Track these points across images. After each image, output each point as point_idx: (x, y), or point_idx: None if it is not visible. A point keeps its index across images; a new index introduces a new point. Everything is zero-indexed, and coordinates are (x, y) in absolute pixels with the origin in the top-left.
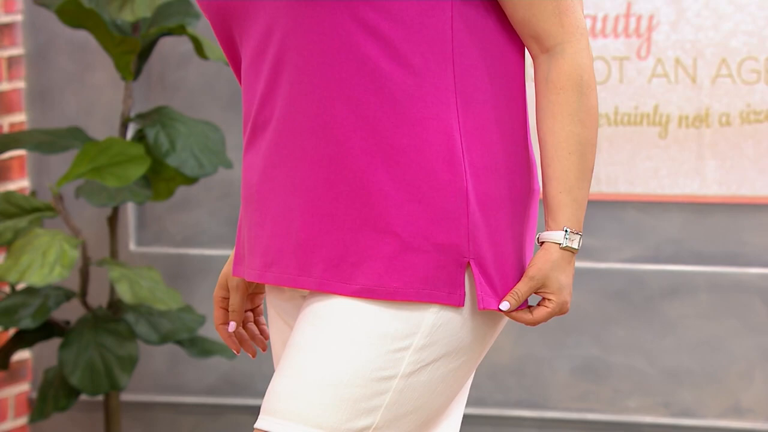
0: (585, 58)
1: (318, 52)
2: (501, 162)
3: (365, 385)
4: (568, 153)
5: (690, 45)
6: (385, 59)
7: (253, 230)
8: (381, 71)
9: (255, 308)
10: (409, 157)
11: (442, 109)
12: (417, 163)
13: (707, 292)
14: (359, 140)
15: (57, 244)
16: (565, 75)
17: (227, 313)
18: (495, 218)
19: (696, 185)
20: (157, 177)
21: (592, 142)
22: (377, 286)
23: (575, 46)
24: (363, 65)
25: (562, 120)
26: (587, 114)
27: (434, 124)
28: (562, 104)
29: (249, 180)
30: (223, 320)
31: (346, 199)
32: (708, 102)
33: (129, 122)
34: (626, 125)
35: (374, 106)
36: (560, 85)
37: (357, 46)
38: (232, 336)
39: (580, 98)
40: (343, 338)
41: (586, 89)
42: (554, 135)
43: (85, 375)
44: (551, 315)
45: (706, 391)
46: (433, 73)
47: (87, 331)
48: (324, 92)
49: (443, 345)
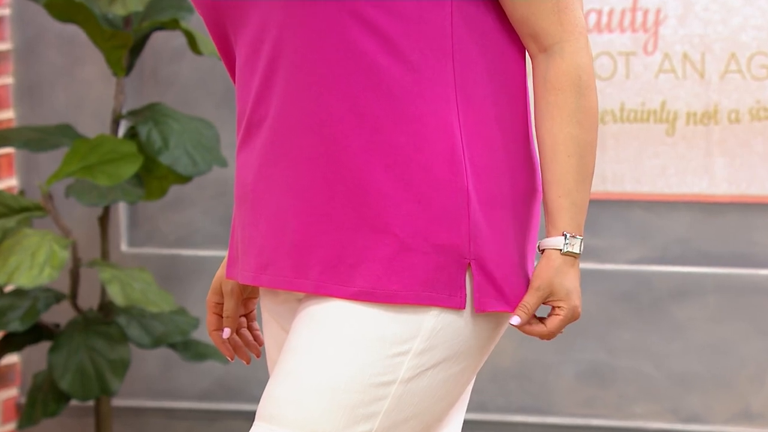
0: (584, 57)
1: (314, 49)
2: (502, 160)
3: (363, 391)
4: (567, 156)
5: (698, 39)
6: (383, 55)
7: (247, 231)
8: (379, 67)
9: (248, 313)
10: (407, 155)
11: (442, 105)
12: (416, 161)
13: (716, 294)
14: (356, 138)
15: (46, 244)
16: (563, 75)
17: (221, 318)
18: (497, 218)
19: (704, 184)
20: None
21: (592, 143)
22: (375, 288)
23: (574, 45)
24: (360, 61)
25: (561, 121)
26: (586, 115)
27: (433, 121)
28: (560, 105)
29: (243, 179)
30: (216, 326)
31: (343, 199)
32: (717, 98)
33: (120, 119)
34: (632, 122)
35: (372, 102)
36: (558, 85)
37: (354, 42)
38: (225, 342)
39: (578, 99)
40: (340, 342)
41: (585, 90)
42: (552, 137)
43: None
44: (564, 322)
45: (715, 396)
46: (432, 69)
47: (77, 334)
48: (320, 89)
49: (444, 349)
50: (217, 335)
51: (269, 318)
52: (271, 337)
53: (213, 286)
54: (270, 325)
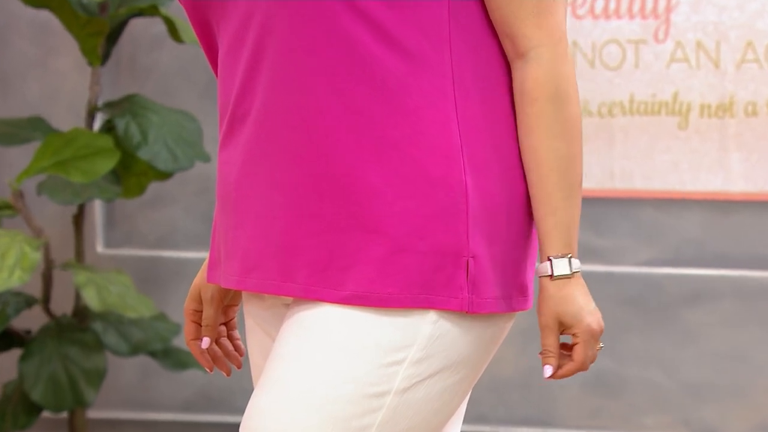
0: (562, 65)
1: (302, 37)
2: (502, 155)
3: (356, 402)
4: (548, 171)
5: (713, 27)
6: (375, 43)
7: (230, 233)
8: (371, 57)
9: (229, 322)
10: (402, 151)
11: (439, 97)
12: (411, 156)
13: (732, 298)
14: (347, 132)
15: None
16: (539, 85)
17: (199, 327)
18: (497, 216)
19: (719, 181)
20: (128, 172)
21: (575, 156)
22: (368, 291)
23: (552, 51)
24: (352, 50)
25: (539, 135)
26: (565, 127)
27: (430, 114)
28: (537, 117)
29: (226, 177)
30: (194, 335)
31: (333, 197)
32: (732, 89)
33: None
34: (642, 115)
35: (364, 94)
36: (535, 95)
37: (345, 30)
38: (204, 353)
39: (556, 111)
40: (331, 350)
41: (564, 101)
42: (532, 151)
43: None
44: (587, 346)
45: (731, 407)
46: (428, 58)
47: (50, 341)
48: (309, 80)
49: (442, 358)
50: (195, 345)
51: (254, 325)
52: (256, 344)
53: (191, 292)
54: (255, 332)
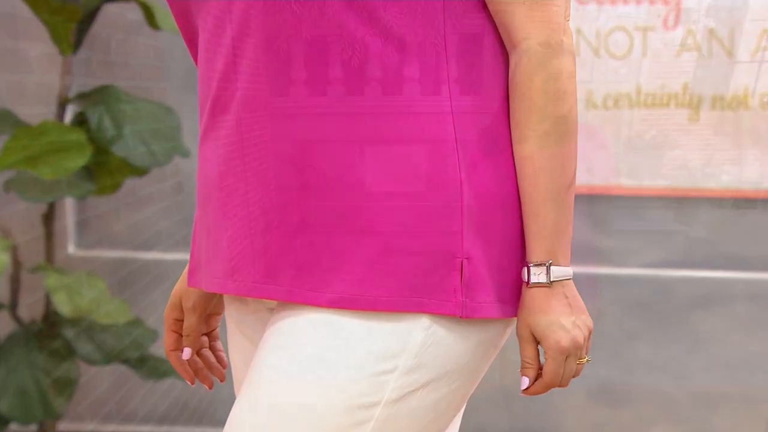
0: (554, 59)
1: (288, 22)
2: (499, 152)
3: (344, 414)
4: (534, 171)
5: (726, 13)
6: (368, 31)
7: (211, 233)
8: (363, 45)
9: (211, 332)
10: (393, 146)
11: (434, 90)
12: (403, 152)
13: (745, 302)
14: (336, 127)
15: None
16: (529, 80)
17: (180, 337)
18: (493, 215)
19: (732, 177)
20: (101, 168)
21: (565, 156)
22: (357, 294)
23: (543, 44)
24: (341, 39)
25: (527, 132)
26: (554, 124)
27: (423, 107)
28: (526, 113)
29: (207, 174)
30: (175, 346)
31: (320, 195)
32: (746, 80)
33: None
34: (650, 107)
35: (354, 85)
36: (524, 90)
37: (334, 15)
38: (185, 364)
39: (544, 107)
40: (316, 359)
41: (554, 97)
42: (519, 149)
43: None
44: (558, 363)
45: (744, 417)
46: (423, 49)
47: (18, 349)
48: (294, 69)
49: (435, 366)
50: (175, 356)
51: (236, 330)
52: (238, 351)
53: (171, 300)
54: (236, 338)
